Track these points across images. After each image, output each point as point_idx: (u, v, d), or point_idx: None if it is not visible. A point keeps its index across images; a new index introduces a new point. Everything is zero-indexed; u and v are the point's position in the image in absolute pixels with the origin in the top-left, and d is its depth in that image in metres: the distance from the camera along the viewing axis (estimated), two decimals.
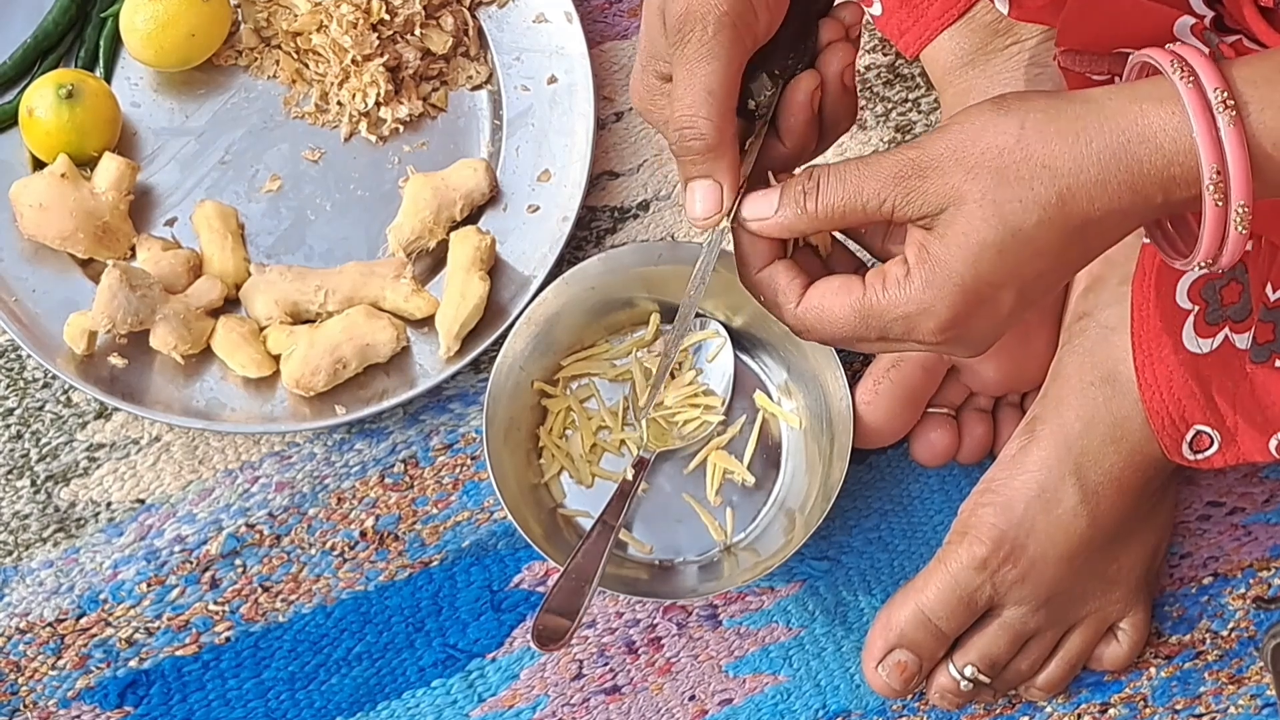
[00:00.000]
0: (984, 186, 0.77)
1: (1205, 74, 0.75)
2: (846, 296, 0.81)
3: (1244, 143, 0.75)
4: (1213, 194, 0.75)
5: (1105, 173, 0.76)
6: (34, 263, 1.18)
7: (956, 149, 0.78)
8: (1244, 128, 0.75)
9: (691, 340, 1.14)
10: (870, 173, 0.79)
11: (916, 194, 0.78)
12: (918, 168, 0.78)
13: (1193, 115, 0.75)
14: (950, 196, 0.77)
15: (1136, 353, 1.02)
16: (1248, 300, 0.97)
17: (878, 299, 0.80)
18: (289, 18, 1.21)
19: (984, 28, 1.12)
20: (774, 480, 1.15)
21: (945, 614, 1.07)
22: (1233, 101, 0.75)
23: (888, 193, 0.79)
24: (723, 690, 1.14)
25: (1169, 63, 0.76)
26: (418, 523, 1.16)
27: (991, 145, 0.77)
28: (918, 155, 0.78)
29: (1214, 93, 0.75)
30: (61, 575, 1.15)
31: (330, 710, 1.13)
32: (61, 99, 1.16)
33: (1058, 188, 0.76)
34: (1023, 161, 0.77)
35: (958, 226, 0.77)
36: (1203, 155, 0.75)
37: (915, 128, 1.21)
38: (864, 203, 0.80)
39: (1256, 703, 1.13)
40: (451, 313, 1.14)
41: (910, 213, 0.79)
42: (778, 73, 0.85)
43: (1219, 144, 0.75)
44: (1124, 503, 1.07)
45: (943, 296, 0.78)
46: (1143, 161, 0.76)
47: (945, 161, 0.78)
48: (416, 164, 1.20)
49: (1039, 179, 0.76)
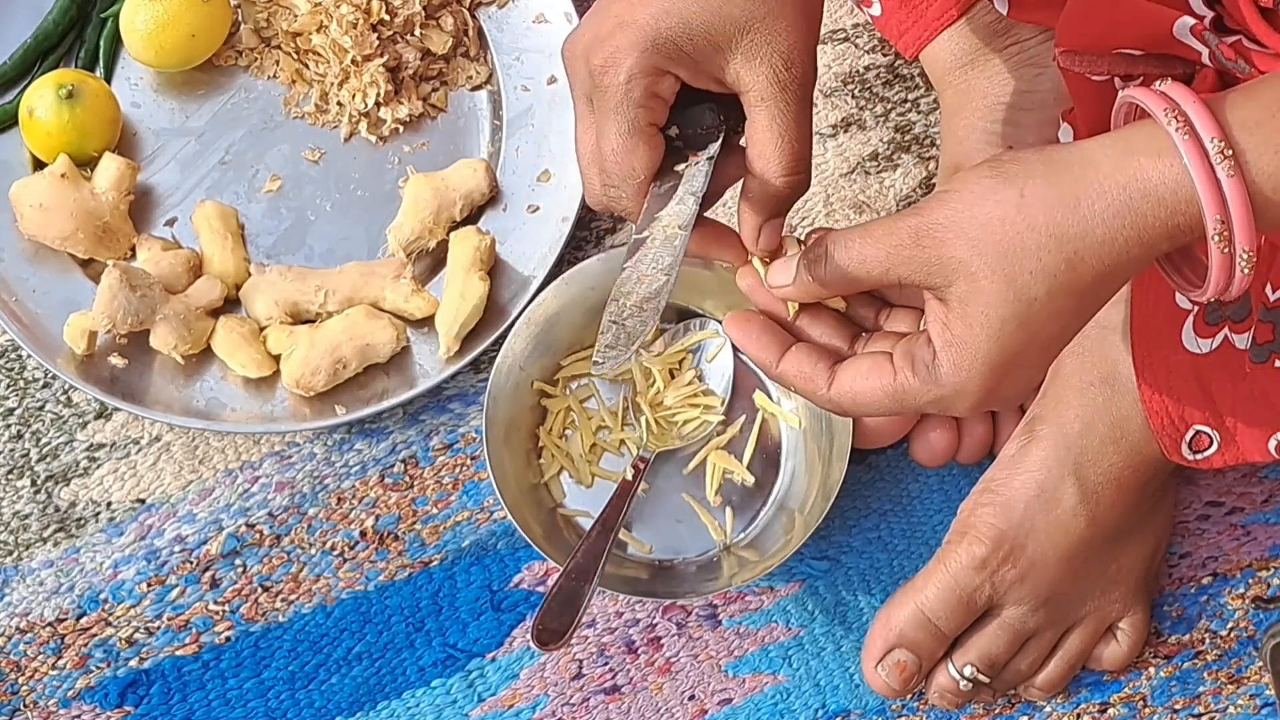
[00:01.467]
0: (991, 262, 0.77)
1: (1200, 123, 0.75)
2: (878, 380, 0.82)
3: (1245, 191, 0.75)
4: (1218, 243, 0.76)
5: (1111, 231, 0.76)
6: (34, 263, 1.18)
7: (955, 218, 0.78)
8: (1243, 176, 0.75)
9: (692, 340, 1.14)
10: (874, 242, 0.80)
11: (919, 264, 0.79)
12: (917, 237, 0.79)
13: (1192, 168, 0.75)
14: (958, 269, 0.78)
15: (1136, 353, 1.02)
16: (1247, 300, 0.97)
17: (908, 383, 0.81)
18: (289, 18, 1.21)
19: (983, 28, 1.13)
20: (773, 480, 1.15)
21: (945, 614, 1.07)
22: (1230, 151, 0.75)
23: (891, 263, 0.79)
24: (722, 690, 1.14)
25: (1162, 111, 0.76)
26: (418, 522, 1.16)
27: (993, 216, 0.77)
28: (917, 223, 0.79)
29: (1211, 143, 0.75)
30: (62, 575, 1.15)
31: (330, 710, 1.13)
32: (62, 99, 1.16)
33: (1065, 254, 0.77)
34: (1027, 232, 0.77)
35: (975, 305, 0.78)
36: (1205, 207, 0.75)
37: (914, 128, 1.21)
38: (869, 271, 0.80)
39: (1255, 702, 1.13)
40: (451, 313, 1.14)
41: (917, 280, 0.79)
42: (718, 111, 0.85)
43: (1220, 195, 0.75)
44: (1123, 502, 1.07)
45: (973, 377, 0.79)
46: (1146, 216, 0.76)
47: (945, 232, 0.78)
48: (416, 164, 1.20)
49: (1046, 249, 0.76)
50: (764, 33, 0.81)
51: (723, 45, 0.82)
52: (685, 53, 0.82)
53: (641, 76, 0.82)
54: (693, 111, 0.85)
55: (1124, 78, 0.93)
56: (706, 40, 0.81)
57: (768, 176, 0.83)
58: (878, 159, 1.21)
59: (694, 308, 1.15)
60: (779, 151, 0.82)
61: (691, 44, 0.82)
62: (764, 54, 0.81)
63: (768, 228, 0.85)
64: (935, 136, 1.21)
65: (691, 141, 0.86)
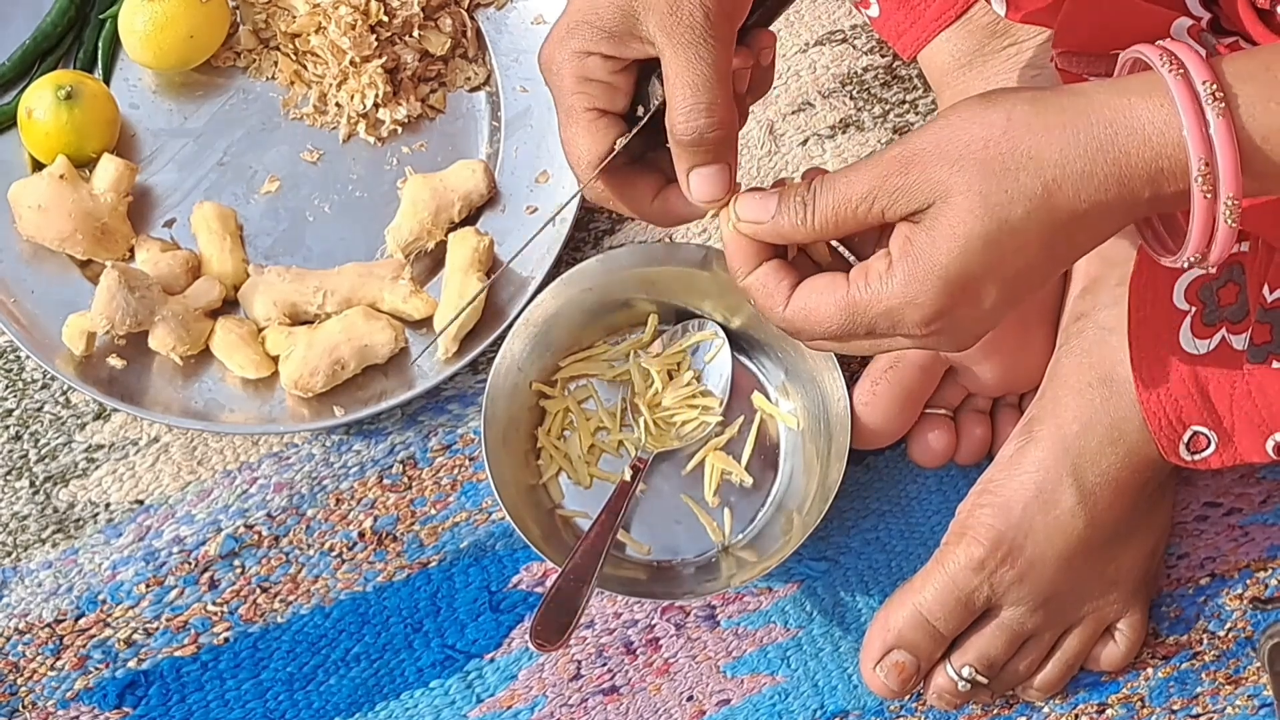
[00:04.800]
0: (969, 179, 0.76)
1: (1194, 67, 0.75)
2: (831, 294, 0.81)
3: (1233, 135, 0.75)
4: (1201, 186, 0.75)
5: (1092, 164, 0.76)
6: (33, 264, 1.18)
7: (940, 142, 0.78)
8: (1233, 120, 0.75)
9: (690, 341, 1.14)
10: (858, 176, 0.79)
11: (902, 190, 0.78)
12: (902, 163, 0.78)
13: (1181, 108, 0.75)
14: (936, 190, 0.77)
15: (1134, 354, 1.02)
16: (1245, 301, 0.97)
17: (861, 294, 0.80)
18: (287, 19, 1.21)
19: (981, 29, 1.13)
20: (772, 481, 1.15)
21: (943, 615, 1.07)
22: (1222, 94, 0.75)
23: (875, 193, 0.79)
24: (721, 691, 1.14)
25: (1158, 56, 0.76)
26: (416, 523, 1.16)
27: (977, 137, 0.77)
28: (901, 151, 0.78)
29: (1203, 86, 0.75)
30: (60, 576, 1.15)
31: (329, 711, 1.13)
32: (60, 100, 1.16)
33: (1044, 179, 0.76)
34: (1009, 153, 0.76)
35: (944, 219, 0.77)
36: (1191, 148, 0.75)
37: (913, 129, 1.21)
38: (854, 207, 0.79)
39: (1254, 703, 1.13)
40: (450, 314, 1.14)
41: (899, 210, 0.79)
42: None
43: (1208, 137, 0.75)
44: (1122, 503, 1.07)
45: (926, 289, 0.78)
46: (1130, 154, 0.76)
47: (929, 155, 0.77)
48: (415, 165, 1.20)
49: (1025, 170, 0.76)
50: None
51: (629, 11, 0.82)
52: (599, 29, 0.83)
53: (567, 63, 0.84)
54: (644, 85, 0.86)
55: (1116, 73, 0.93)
56: (613, 10, 0.82)
57: (669, 122, 0.83)
58: None
59: (692, 308, 1.15)
60: (674, 95, 0.82)
61: (600, 18, 0.82)
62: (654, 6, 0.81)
63: (694, 176, 0.84)
64: None
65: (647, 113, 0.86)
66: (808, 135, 1.21)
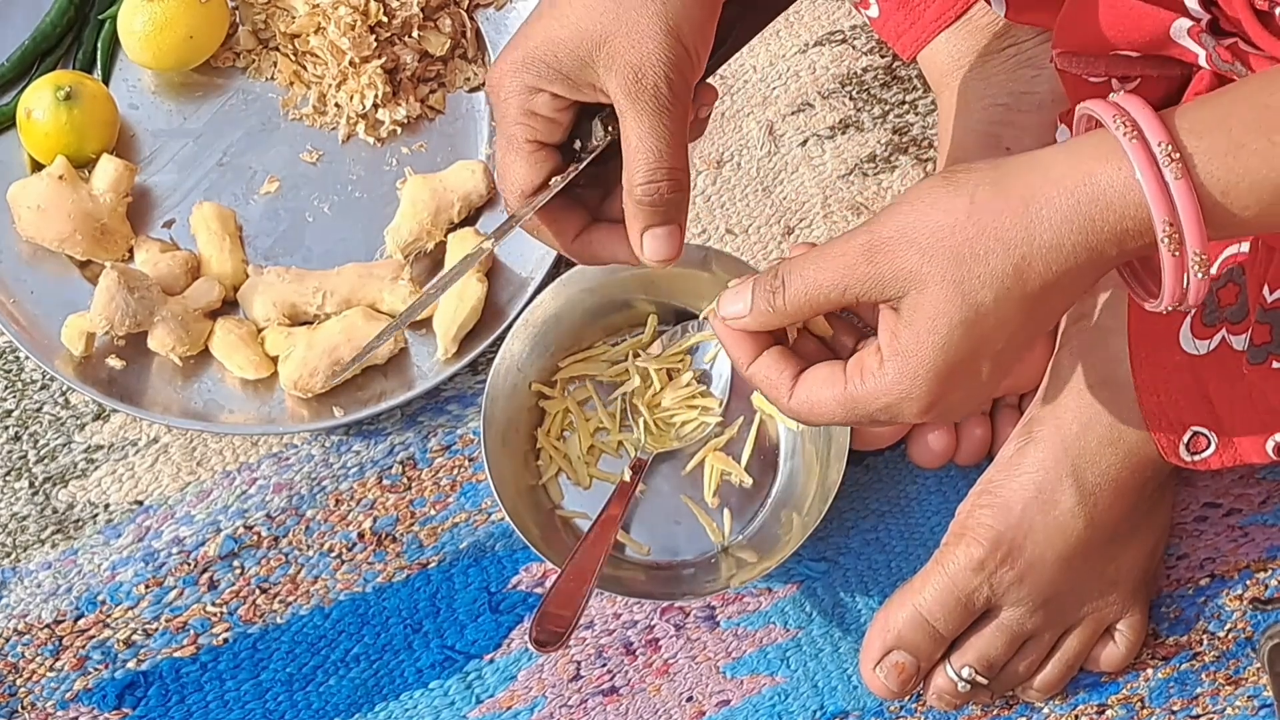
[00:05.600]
0: (942, 268, 0.78)
1: (1148, 127, 0.76)
2: (830, 389, 0.83)
3: (1193, 194, 0.75)
4: (1168, 246, 0.76)
5: (1058, 236, 0.77)
6: (32, 264, 1.18)
7: (906, 229, 0.78)
8: (1191, 179, 0.75)
9: (690, 341, 1.14)
10: (826, 265, 0.80)
11: (873, 280, 0.79)
12: (868, 252, 0.79)
13: (1139, 170, 0.75)
14: (910, 280, 0.78)
15: (1133, 354, 1.02)
16: (1245, 302, 0.97)
17: (858, 391, 0.82)
18: (287, 20, 1.21)
19: (980, 30, 1.13)
20: (772, 481, 1.15)
21: (943, 615, 1.07)
22: (1178, 154, 0.75)
23: (846, 281, 0.80)
24: (720, 691, 1.14)
25: (1111, 117, 0.77)
26: (416, 524, 1.16)
27: (943, 224, 0.78)
28: (869, 240, 0.79)
29: (1159, 146, 0.75)
30: (60, 577, 1.15)
31: (328, 712, 1.13)
32: (60, 101, 1.16)
33: (1013, 259, 0.77)
34: (976, 237, 0.77)
35: (923, 311, 0.78)
36: (1154, 209, 0.75)
37: (912, 129, 1.21)
38: (826, 294, 0.81)
39: (1254, 704, 1.13)
40: (449, 314, 1.14)
41: (873, 296, 0.80)
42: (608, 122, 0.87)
43: (1169, 197, 0.75)
44: (1121, 504, 1.07)
45: (918, 384, 0.80)
46: (1095, 220, 0.76)
47: (896, 243, 0.78)
48: (414, 166, 1.20)
49: (994, 253, 0.77)
50: (619, 45, 0.82)
51: (586, 59, 0.83)
52: (555, 70, 0.84)
53: (515, 95, 0.85)
54: (585, 123, 0.87)
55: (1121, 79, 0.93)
56: (571, 56, 0.83)
57: (627, 184, 0.84)
58: (875, 161, 1.21)
59: (692, 309, 1.15)
60: (633, 159, 0.84)
61: (558, 60, 0.83)
62: (618, 66, 0.83)
63: (648, 236, 0.85)
64: (933, 138, 1.21)
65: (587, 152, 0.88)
66: (807, 136, 1.21)
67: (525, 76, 0.85)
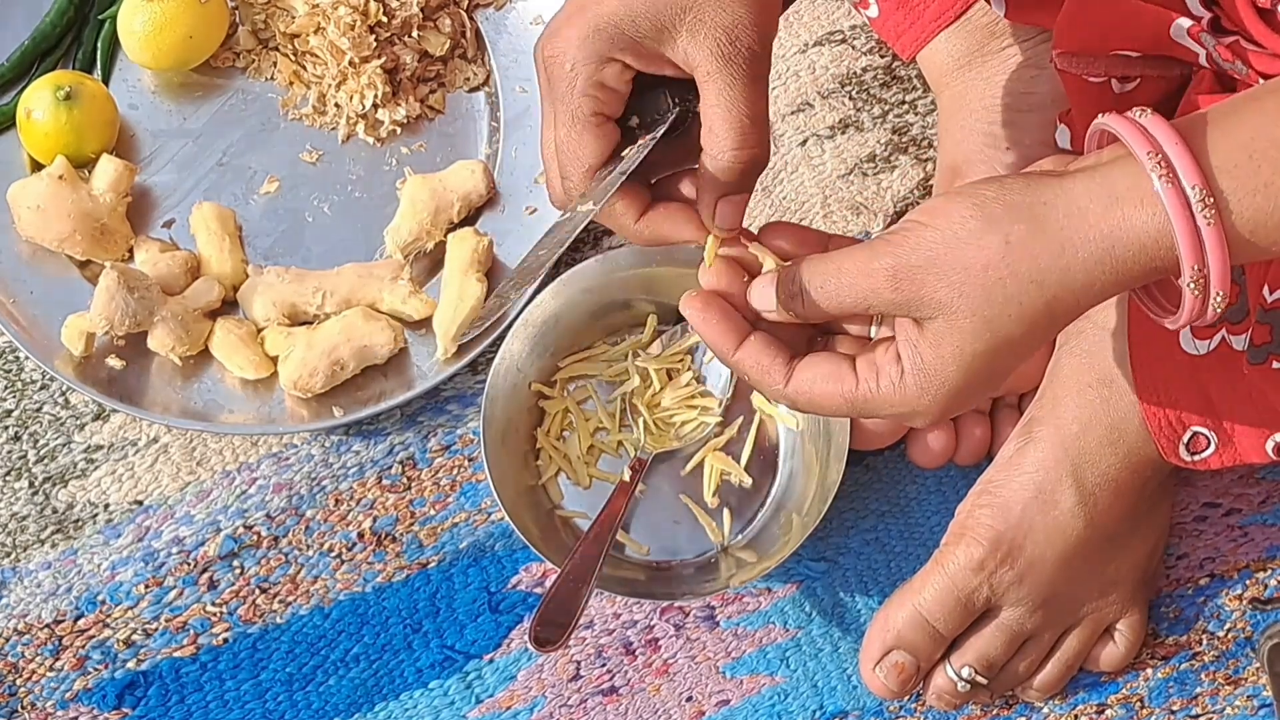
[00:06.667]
0: (974, 304, 0.77)
1: (1182, 168, 0.75)
2: (838, 385, 0.82)
3: (1223, 240, 0.75)
4: (1193, 290, 0.76)
5: (1090, 276, 0.77)
6: (32, 264, 1.18)
7: (935, 260, 0.78)
8: (1222, 223, 0.75)
9: (689, 341, 1.14)
10: (848, 281, 0.80)
11: (897, 305, 0.79)
12: (894, 279, 0.78)
13: (1174, 219, 0.75)
14: (938, 308, 0.78)
15: (1134, 354, 1.02)
16: (1245, 302, 0.97)
17: (871, 394, 0.81)
18: (287, 20, 1.21)
19: (980, 30, 1.13)
20: (771, 481, 1.15)
21: (942, 615, 1.07)
22: (1211, 199, 0.75)
23: (870, 301, 0.79)
24: (720, 691, 1.14)
25: (1146, 155, 0.76)
26: (415, 524, 1.16)
27: (976, 261, 0.77)
28: (894, 265, 0.78)
29: (1193, 190, 0.75)
30: (59, 577, 1.15)
31: (328, 712, 1.13)
32: (59, 101, 1.16)
33: (1045, 298, 0.77)
34: (1010, 278, 0.77)
35: (952, 339, 0.78)
36: (1184, 256, 0.75)
37: (912, 129, 1.21)
38: (847, 308, 0.80)
39: (1253, 704, 1.13)
40: (449, 314, 1.14)
41: (896, 314, 0.80)
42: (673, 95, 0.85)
43: (1200, 245, 0.75)
44: (1121, 504, 1.07)
45: (937, 400, 0.80)
46: (1127, 261, 0.77)
47: (924, 274, 0.78)
48: (414, 166, 1.20)
49: (1028, 294, 0.77)
50: (708, 8, 0.81)
51: (667, 25, 0.81)
52: (630, 37, 0.81)
53: (585, 65, 0.82)
54: (648, 97, 0.85)
55: (1121, 79, 0.93)
56: (650, 22, 0.81)
57: (715, 151, 0.82)
58: (875, 160, 1.21)
59: None
60: (725, 125, 0.82)
61: (635, 28, 0.81)
62: (707, 29, 0.81)
63: (724, 204, 0.84)
64: (933, 138, 1.21)
65: (649, 128, 0.85)
66: (807, 135, 1.21)
67: (597, 45, 0.82)
